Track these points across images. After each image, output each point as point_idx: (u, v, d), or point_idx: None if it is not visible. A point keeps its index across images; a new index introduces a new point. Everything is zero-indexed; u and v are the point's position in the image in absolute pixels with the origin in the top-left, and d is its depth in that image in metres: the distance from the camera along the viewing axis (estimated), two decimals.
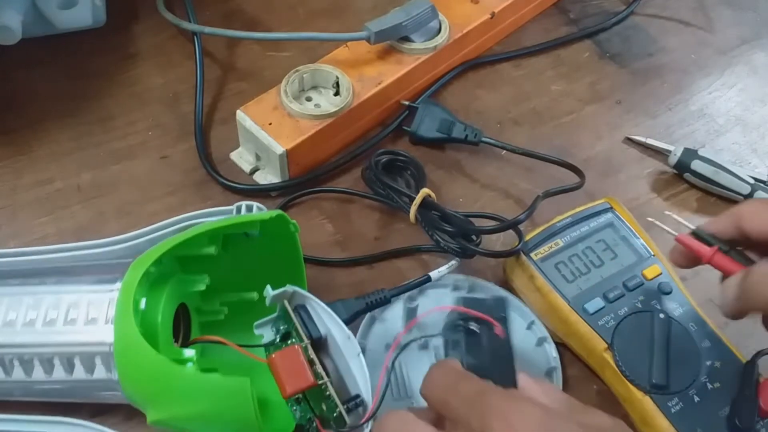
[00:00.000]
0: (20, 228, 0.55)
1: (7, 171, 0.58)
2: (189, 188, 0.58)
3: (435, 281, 0.49)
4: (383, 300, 0.47)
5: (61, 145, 0.59)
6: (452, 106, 0.63)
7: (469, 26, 0.64)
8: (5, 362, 0.43)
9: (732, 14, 0.73)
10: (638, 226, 0.52)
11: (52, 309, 0.43)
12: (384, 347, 0.48)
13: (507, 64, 0.67)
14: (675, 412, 0.45)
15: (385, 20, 0.59)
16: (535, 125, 0.63)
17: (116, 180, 0.58)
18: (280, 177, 0.57)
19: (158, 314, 0.41)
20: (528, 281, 0.50)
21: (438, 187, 0.58)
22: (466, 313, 0.45)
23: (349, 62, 0.60)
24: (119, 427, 0.46)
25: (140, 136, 0.60)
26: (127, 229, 0.47)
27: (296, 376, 0.39)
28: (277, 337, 0.43)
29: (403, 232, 0.56)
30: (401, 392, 0.46)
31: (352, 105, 0.57)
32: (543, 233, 0.51)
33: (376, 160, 0.56)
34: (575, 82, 0.67)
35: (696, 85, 0.67)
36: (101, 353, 0.41)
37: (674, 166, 0.60)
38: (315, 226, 0.56)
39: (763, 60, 0.69)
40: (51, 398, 0.46)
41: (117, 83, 0.64)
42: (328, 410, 0.40)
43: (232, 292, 0.48)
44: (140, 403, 0.41)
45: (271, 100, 0.57)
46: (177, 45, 0.66)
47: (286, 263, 0.47)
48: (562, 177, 0.57)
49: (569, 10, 0.72)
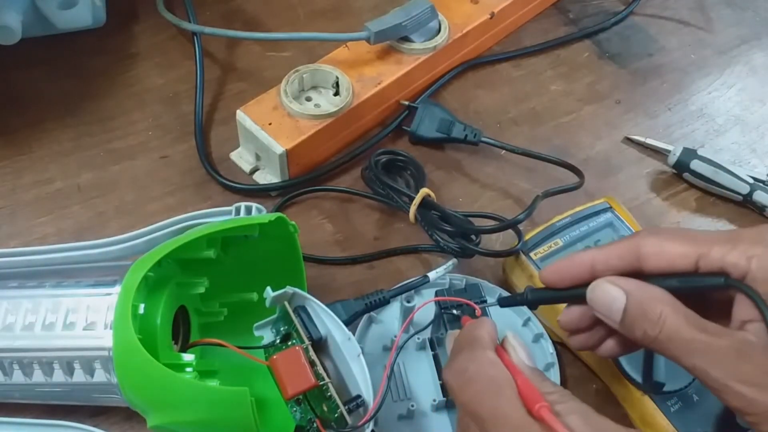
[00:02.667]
0: (20, 228, 0.55)
1: (7, 171, 0.58)
2: (189, 188, 0.58)
3: (433, 281, 0.49)
4: (382, 301, 0.47)
5: (61, 145, 0.60)
6: (452, 106, 0.63)
7: (468, 26, 0.64)
8: (5, 365, 0.43)
9: (731, 14, 0.73)
10: (638, 226, 0.52)
11: (51, 313, 0.43)
12: (381, 348, 0.48)
13: (506, 64, 0.67)
14: (674, 412, 0.45)
15: (384, 20, 0.59)
16: (535, 125, 0.63)
17: (116, 180, 0.58)
18: (280, 177, 0.57)
19: (157, 318, 0.41)
20: (527, 281, 0.50)
21: (438, 187, 0.58)
22: (447, 303, 0.45)
23: (348, 62, 0.60)
24: (118, 428, 0.46)
25: (140, 136, 0.60)
26: (127, 229, 0.47)
27: (298, 378, 0.39)
28: (277, 338, 0.43)
29: (402, 231, 0.56)
30: (400, 393, 0.46)
31: (351, 105, 0.57)
32: (542, 233, 0.51)
33: (375, 160, 0.56)
34: (575, 82, 0.67)
35: (695, 85, 0.67)
36: (101, 357, 0.41)
37: (673, 165, 0.60)
38: (315, 225, 0.56)
39: (762, 60, 0.69)
40: (51, 401, 0.46)
41: (117, 83, 0.64)
42: (329, 411, 0.40)
43: (232, 293, 0.48)
44: (140, 408, 0.41)
45: (271, 100, 0.57)
46: (177, 45, 0.66)
47: (285, 264, 0.47)
48: (561, 177, 0.57)
49: (569, 10, 0.72)
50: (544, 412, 0.33)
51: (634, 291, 0.36)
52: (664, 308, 0.34)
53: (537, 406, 0.33)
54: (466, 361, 0.36)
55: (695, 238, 0.35)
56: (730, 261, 0.33)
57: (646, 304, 0.35)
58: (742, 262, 0.33)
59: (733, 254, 0.33)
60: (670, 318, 0.34)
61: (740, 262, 0.33)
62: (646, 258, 0.36)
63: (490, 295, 0.50)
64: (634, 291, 0.36)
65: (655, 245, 0.36)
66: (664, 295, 0.35)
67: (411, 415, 0.45)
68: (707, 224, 0.58)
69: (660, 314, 0.34)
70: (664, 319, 0.34)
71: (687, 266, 0.35)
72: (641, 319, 0.35)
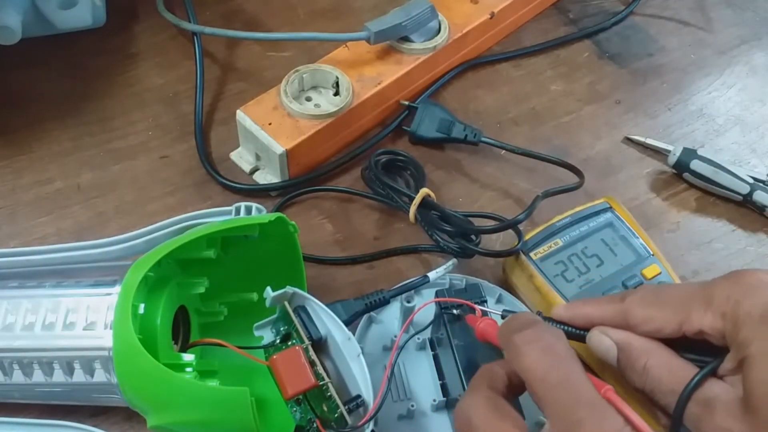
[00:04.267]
0: (20, 228, 0.55)
1: (7, 171, 0.58)
2: (189, 188, 0.58)
3: (433, 281, 0.49)
4: (382, 301, 0.47)
5: (61, 145, 0.60)
6: (452, 106, 0.63)
7: (468, 26, 0.64)
8: (5, 365, 0.43)
9: (731, 14, 0.73)
10: (637, 226, 0.52)
11: (51, 313, 0.43)
12: (381, 348, 0.48)
13: (506, 64, 0.67)
14: None
15: (384, 20, 0.59)
16: (535, 125, 0.63)
17: (116, 180, 0.58)
18: (279, 177, 0.57)
19: (157, 318, 0.41)
20: (527, 281, 0.50)
21: (438, 187, 0.58)
22: (446, 303, 0.45)
23: (348, 62, 0.60)
24: (118, 428, 0.46)
25: (140, 136, 0.60)
26: (127, 229, 0.47)
27: (297, 378, 0.39)
28: (277, 338, 0.43)
29: (402, 231, 0.56)
30: (400, 393, 0.46)
31: (351, 105, 0.57)
32: (542, 233, 0.51)
33: (375, 160, 0.56)
34: (575, 82, 0.67)
35: (695, 85, 0.67)
36: (100, 357, 0.41)
37: (673, 165, 0.60)
38: (315, 225, 0.56)
39: (762, 60, 0.69)
40: (51, 401, 0.46)
41: (117, 83, 0.64)
42: (329, 411, 0.40)
43: (232, 293, 0.48)
44: (140, 408, 0.41)
45: (271, 100, 0.57)
46: (177, 45, 0.66)
47: (285, 264, 0.47)
48: (561, 177, 0.57)
49: (569, 10, 0.72)
50: (611, 395, 0.33)
51: (623, 341, 0.37)
52: (648, 359, 0.36)
53: (603, 390, 0.34)
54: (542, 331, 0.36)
55: (676, 300, 0.36)
56: (707, 325, 0.35)
57: (633, 355, 0.37)
58: (718, 324, 0.34)
59: (708, 317, 0.35)
60: (654, 370, 0.36)
61: (716, 325, 0.34)
62: (635, 326, 0.37)
63: (490, 295, 0.50)
64: (623, 341, 0.37)
65: (641, 315, 0.37)
66: (651, 346, 0.37)
67: (411, 415, 0.45)
68: (707, 224, 0.58)
69: (644, 366, 0.36)
70: (648, 370, 0.36)
71: (673, 332, 0.36)
72: (630, 369, 0.37)
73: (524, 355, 0.35)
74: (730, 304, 0.34)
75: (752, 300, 0.33)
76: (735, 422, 0.32)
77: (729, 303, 0.34)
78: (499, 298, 0.51)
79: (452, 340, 0.44)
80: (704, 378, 0.34)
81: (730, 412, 0.33)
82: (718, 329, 0.34)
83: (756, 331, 0.33)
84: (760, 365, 0.32)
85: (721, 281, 0.35)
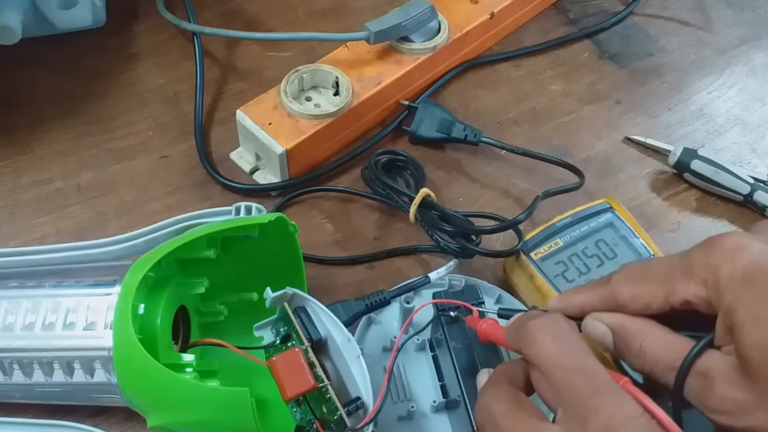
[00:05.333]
0: (20, 228, 0.55)
1: (7, 171, 0.58)
2: (189, 188, 0.58)
3: (434, 281, 0.49)
4: (383, 301, 0.47)
5: (61, 145, 0.60)
6: (452, 106, 0.63)
7: (468, 26, 0.64)
8: (5, 365, 0.43)
9: (731, 14, 0.73)
10: (638, 226, 0.52)
11: (51, 313, 0.43)
12: (381, 349, 0.48)
13: (506, 64, 0.67)
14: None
15: (384, 20, 0.59)
16: (535, 125, 0.63)
17: (116, 180, 0.58)
18: (279, 177, 0.57)
19: (157, 318, 0.41)
20: (528, 281, 0.50)
21: (438, 187, 0.58)
22: (444, 305, 0.45)
23: (348, 62, 0.60)
24: (118, 428, 0.46)
25: (140, 136, 0.60)
26: (127, 229, 0.47)
27: (297, 379, 0.39)
28: (277, 339, 0.43)
29: (402, 231, 0.56)
30: (400, 394, 0.46)
31: (351, 105, 0.57)
32: (543, 233, 0.51)
33: (375, 160, 0.56)
34: (575, 82, 0.67)
35: (695, 85, 0.67)
36: (100, 357, 0.41)
37: (674, 165, 0.60)
38: (315, 225, 0.56)
39: (762, 60, 0.69)
40: (51, 401, 0.46)
41: (117, 83, 0.64)
42: (328, 412, 0.40)
43: (232, 293, 0.48)
44: (140, 408, 0.41)
45: (271, 100, 0.57)
46: (177, 45, 0.66)
47: (285, 264, 0.47)
48: (561, 177, 0.57)
49: (569, 10, 0.72)
50: (629, 386, 0.33)
51: (616, 325, 0.37)
52: (644, 339, 0.36)
53: (622, 382, 0.34)
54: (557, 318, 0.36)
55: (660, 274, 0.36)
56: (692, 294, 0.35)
57: (628, 337, 0.36)
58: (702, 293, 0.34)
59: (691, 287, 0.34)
60: (650, 349, 0.35)
61: (700, 293, 0.34)
62: (625, 306, 0.37)
63: (489, 296, 0.50)
64: (616, 325, 0.37)
65: (628, 294, 0.37)
66: (645, 325, 0.36)
67: (411, 416, 0.45)
68: (707, 224, 0.58)
69: (640, 346, 0.36)
70: (644, 350, 0.36)
71: (661, 306, 0.36)
72: (627, 352, 0.36)
73: (540, 342, 0.35)
74: (710, 270, 0.34)
75: (731, 264, 0.33)
76: (735, 390, 0.32)
77: (709, 269, 0.34)
78: (498, 299, 0.51)
79: (450, 342, 0.44)
80: (701, 351, 0.34)
81: (729, 381, 0.32)
82: (703, 297, 0.34)
83: (739, 294, 0.32)
84: (750, 329, 0.31)
85: (699, 249, 0.35)
